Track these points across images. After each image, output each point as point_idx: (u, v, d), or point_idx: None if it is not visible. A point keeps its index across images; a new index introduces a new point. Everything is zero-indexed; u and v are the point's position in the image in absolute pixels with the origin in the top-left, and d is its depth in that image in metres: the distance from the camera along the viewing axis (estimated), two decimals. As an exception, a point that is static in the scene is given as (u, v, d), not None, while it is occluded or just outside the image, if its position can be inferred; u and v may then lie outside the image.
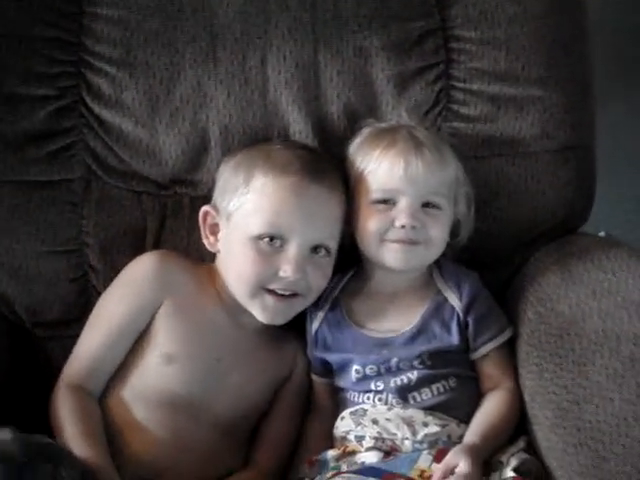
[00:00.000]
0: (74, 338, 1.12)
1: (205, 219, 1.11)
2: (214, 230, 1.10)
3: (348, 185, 1.11)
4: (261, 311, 1.07)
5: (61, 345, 1.18)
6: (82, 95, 1.17)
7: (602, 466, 0.88)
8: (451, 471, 0.95)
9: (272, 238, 1.04)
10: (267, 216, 1.04)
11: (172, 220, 1.19)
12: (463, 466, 0.94)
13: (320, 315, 1.13)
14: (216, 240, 1.10)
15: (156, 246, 1.18)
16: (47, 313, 1.19)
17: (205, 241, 1.12)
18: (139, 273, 1.11)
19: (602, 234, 1.82)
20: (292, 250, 1.04)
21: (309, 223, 1.05)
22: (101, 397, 1.07)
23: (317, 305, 1.14)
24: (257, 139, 1.16)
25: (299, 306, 1.09)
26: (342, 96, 1.17)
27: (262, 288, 1.05)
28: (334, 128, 1.18)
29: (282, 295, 1.05)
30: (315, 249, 1.06)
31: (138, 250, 1.16)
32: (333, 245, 1.08)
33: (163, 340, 1.07)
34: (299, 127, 1.17)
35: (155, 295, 1.08)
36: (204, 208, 1.11)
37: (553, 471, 0.97)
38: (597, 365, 0.96)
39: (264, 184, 1.05)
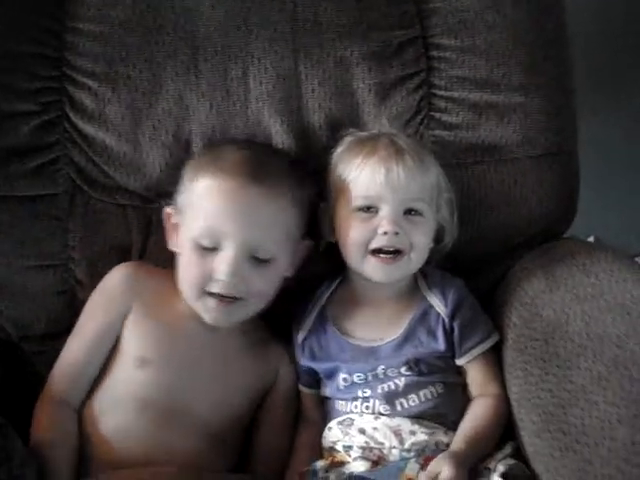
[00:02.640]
0: (60, 352, 1.12)
1: (168, 219, 1.12)
2: (176, 229, 1.11)
3: (325, 192, 1.11)
4: (204, 313, 1.07)
5: (48, 359, 1.17)
6: (65, 110, 1.18)
7: (588, 469, 0.88)
8: (435, 478, 0.95)
9: (208, 240, 1.04)
10: (205, 219, 1.04)
11: (157, 233, 1.18)
12: (446, 472, 0.94)
13: (308, 324, 1.13)
14: (177, 240, 1.11)
15: (141, 259, 1.18)
16: (34, 327, 1.19)
17: (168, 241, 1.12)
18: (109, 283, 1.12)
19: (592, 239, 1.83)
20: (227, 254, 1.03)
21: (245, 227, 1.03)
22: (81, 407, 1.08)
23: (304, 314, 1.14)
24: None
25: (243, 310, 1.07)
26: (324, 106, 1.17)
27: (204, 291, 1.05)
28: (316, 138, 1.18)
29: (222, 298, 1.05)
30: (254, 254, 1.05)
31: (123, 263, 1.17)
32: (275, 251, 1.06)
33: (134, 345, 1.08)
34: (281, 138, 1.18)
35: (124, 301, 1.10)
36: (166, 209, 1.12)
37: (540, 476, 0.96)
38: (582, 368, 0.96)
39: (204, 187, 1.05)
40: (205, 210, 1.05)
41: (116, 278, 1.13)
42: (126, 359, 1.08)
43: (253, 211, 1.04)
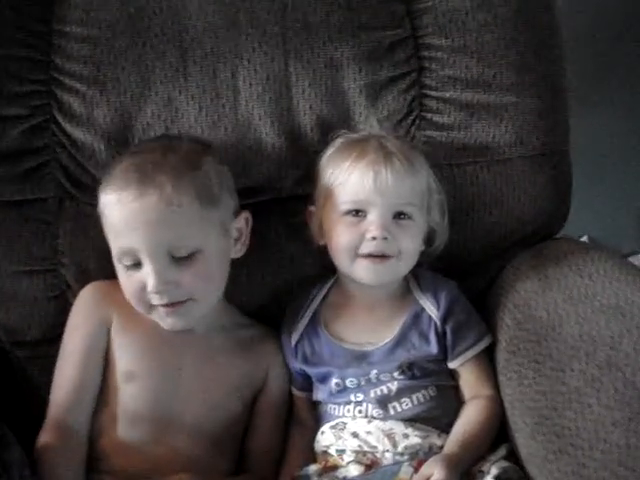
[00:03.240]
0: (53, 358, 1.11)
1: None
2: None
3: (315, 194, 1.10)
4: (162, 322, 1.06)
5: (40, 365, 1.17)
6: (53, 114, 1.17)
7: (582, 472, 0.87)
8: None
9: (128, 259, 1.02)
10: (114, 239, 1.03)
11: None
12: (438, 475, 0.94)
13: (300, 327, 1.13)
14: None
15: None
16: (25, 333, 1.19)
17: None
18: (82, 300, 1.12)
19: (585, 238, 1.83)
20: (146, 267, 1.01)
21: (149, 236, 1.00)
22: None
23: (296, 317, 1.14)
24: (229, 153, 1.15)
25: (195, 309, 1.05)
26: (314, 108, 1.17)
27: (149, 305, 1.04)
28: (307, 140, 1.17)
29: (169, 305, 1.03)
30: (174, 256, 1.01)
31: (113, 268, 1.16)
32: (195, 243, 1.02)
33: (120, 359, 1.07)
34: (272, 140, 1.17)
35: (101, 311, 1.09)
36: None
37: (534, 478, 0.96)
38: (575, 370, 0.95)
39: (104, 206, 1.04)
40: (111, 231, 1.04)
41: (89, 293, 1.12)
42: (115, 375, 1.07)
43: (150, 218, 1.00)
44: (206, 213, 1.04)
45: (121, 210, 1.01)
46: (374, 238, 1.03)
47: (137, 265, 1.02)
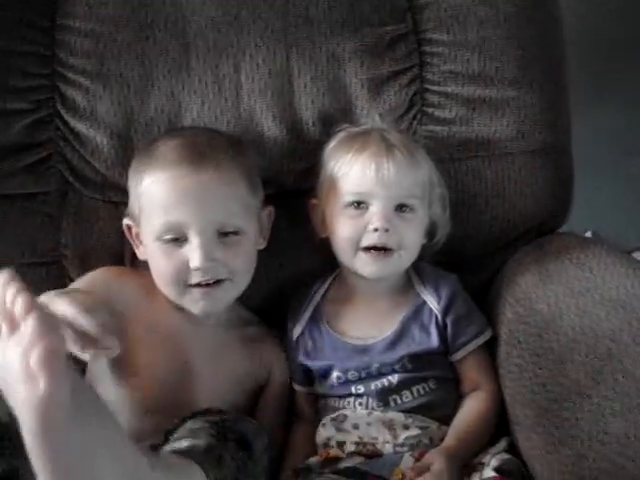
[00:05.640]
0: (57, 352, 1.11)
1: (130, 231, 1.10)
2: (140, 239, 1.09)
3: (317, 187, 1.11)
4: (192, 306, 1.06)
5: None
6: (57, 108, 1.17)
7: (582, 464, 0.88)
8: (425, 471, 0.94)
9: (172, 235, 1.03)
10: (159, 215, 1.03)
11: (150, 230, 1.18)
12: (436, 465, 0.94)
13: (302, 322, 1.13)
14: (144, 248, 1.09)
15: (134, 256, 1.16)
16: (28, 326, 1.19)
17: (137, 252, 1.11)
18: (100, 274, 1.10)
19: (589, 233, 1.83)
20: (194, 241, 1.02)
21: (199, 211, 1.02)
22: None
23: (298, 311, 1.14)
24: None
25: (230, 291, 1.07)
26: (316, 102, 1.17)
27: (185, 285, 1.04)
28: (309, 134, 1.18)
29: (207, 285, 1.04)
30: (221, 232, 1.04)
31: (116, 261, 1.17)
32: (240, 223, 1.05)
33: (125, 352, 1.04)
34: (274, 134, 1.17)
35: (117, 293, 1.07)
36: (124, 221, 1.10)
37: (534, 470, 0.96)
38: (575, 362, 0.96)
39: (149, 184, 1.04)
40: (157, 207, 1.03)
41: (103, 273, 1.11)
42: (121, 367, 1.05)
43: (203, 193, 1.03)
44: (249, 197, 1.07)
45: (175, 185, 1.02)
46: (376, 230, 1.04)
47: (179, 241, 1.03)
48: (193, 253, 1.02)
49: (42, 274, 1.18)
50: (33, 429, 0.66)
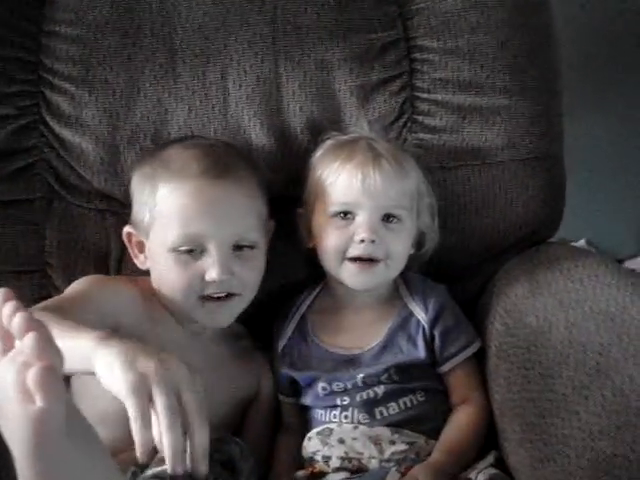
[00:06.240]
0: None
1: (130, 239, 1.09)
2: (141, 248, 1.08)
3: (304, 197, 1.09)
4: (205, 318, 1.05)
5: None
6: (42, 114, 1.16)
7: (569, 481, 0.86)
8: (410, 488, 0.93)
9: (189, 246, 1.02)
10: (178, 226, 1.01)
11: (136, 238, 1.17)
12: None
13: (287, 332, 1.12)
14: (145, 258, 1.08)
15: (119, 264, 1.16)
16: (12, 334, 1.18)
17: (135, 260, 1.09)
18: (96, 280, 1.07)
19: (583, 242, 1.82)
20: (212, 254, 1.01)
21: (220, 223, 1.02)
22: None
23: (284, 322, 1.13)
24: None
25: (239, 304, 1.06)
26: (305, 109, 1.16)
27: (198, 297, 1.03)
28: (297, 142, 1.17)
29: (219, 298, 1.03)
30: (237, 246, 1.03)
31: (101, 269, 1.15)
32: (255, 237, 1.05)
33: None
34: (261, 142, 1.16)
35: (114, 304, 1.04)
36: (125, 229, 1.09)
37: (521, 486, 0.95)
38: (563, 377, 0.94)
39: (168, 194, 1.03)
40: (176, 217, 1.02)
41: (98, 280, 1.08)
42: None
43: (224, 206, 1.02)
44: (264, 211, 1.08)
45: (196, 196, 1.01)
46: (362, 241, 1.03)
47: (195, 253, 1.02)
48: (211, 266, 1.01)
49: (26, 282, 1.16)
50: (26, 447, 0.65)
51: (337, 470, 1.01)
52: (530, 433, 0.94)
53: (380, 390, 1.03)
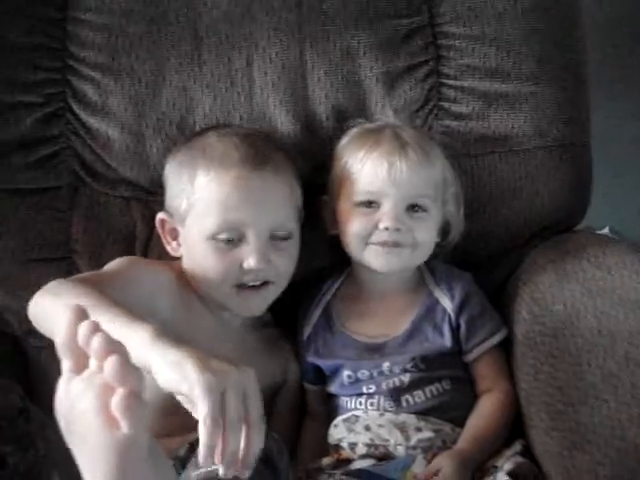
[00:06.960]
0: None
1: (163, 226, 1.09)
2: (174, 235, 1.08)
3: (328, 184, 1.09)
4: (239, 306, 1.05)
5: (54, 354, 1.16)
6: (68, 102, 1.16)
7: (597, 470, 0.86)
8: (435, 474, 0.93)
9: (228, 235, 1.02)
10: (217, 214, 1.02)
11: (161, 225, 1.17)
12: (446, 469, 0.93)
13: (312, 320, 1.12)
14: (178, 245, 1.08)
15: (145, 251, 1.16)
16: (39, 322, 1.18)
17: (168, 247, 1.10)
18: (133, 261, 1.07)
19: (606, 229, 1.80)
20: (251, 242, 1.01)
21: (260, 212, 1.02)
22: None
23: (309, 310, 1.13)
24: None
25: (273, 293, 1.07)
26: (330, 96, 1.15)
27: (233, 285, 1.03)
28: (322, 129, 1.16)
29: (254, 286, 1.04)
30: (274, 235, 1.04)
31: (127, 255, 1.15)
32: (292, 227, 1.06)
33: None
34: (287, 129, 1.16)
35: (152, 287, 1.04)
36: (159, 215, 1.09)
37: (549, 475, 0.94)
38: (592, 365, 0.94)
39: (207, 182, 1.02)
40: (216, 205, 1.02)
41: (137, 261, 1.08)
42: None
43: (264, 195, 1.03)
44: (299, 201, 1.09)
45: (238, 185, 1.01)
46: (387, 229, 1.02)
47: (234, 241, 1.02)
48: (250, 254, 1.01)
49: (52, 270, 1.16)
50: (111, 473, 0.66)
51: (363, 457, 1.01)
52: (558, 421, 0.94)
53: (406, 378, 1.03)
